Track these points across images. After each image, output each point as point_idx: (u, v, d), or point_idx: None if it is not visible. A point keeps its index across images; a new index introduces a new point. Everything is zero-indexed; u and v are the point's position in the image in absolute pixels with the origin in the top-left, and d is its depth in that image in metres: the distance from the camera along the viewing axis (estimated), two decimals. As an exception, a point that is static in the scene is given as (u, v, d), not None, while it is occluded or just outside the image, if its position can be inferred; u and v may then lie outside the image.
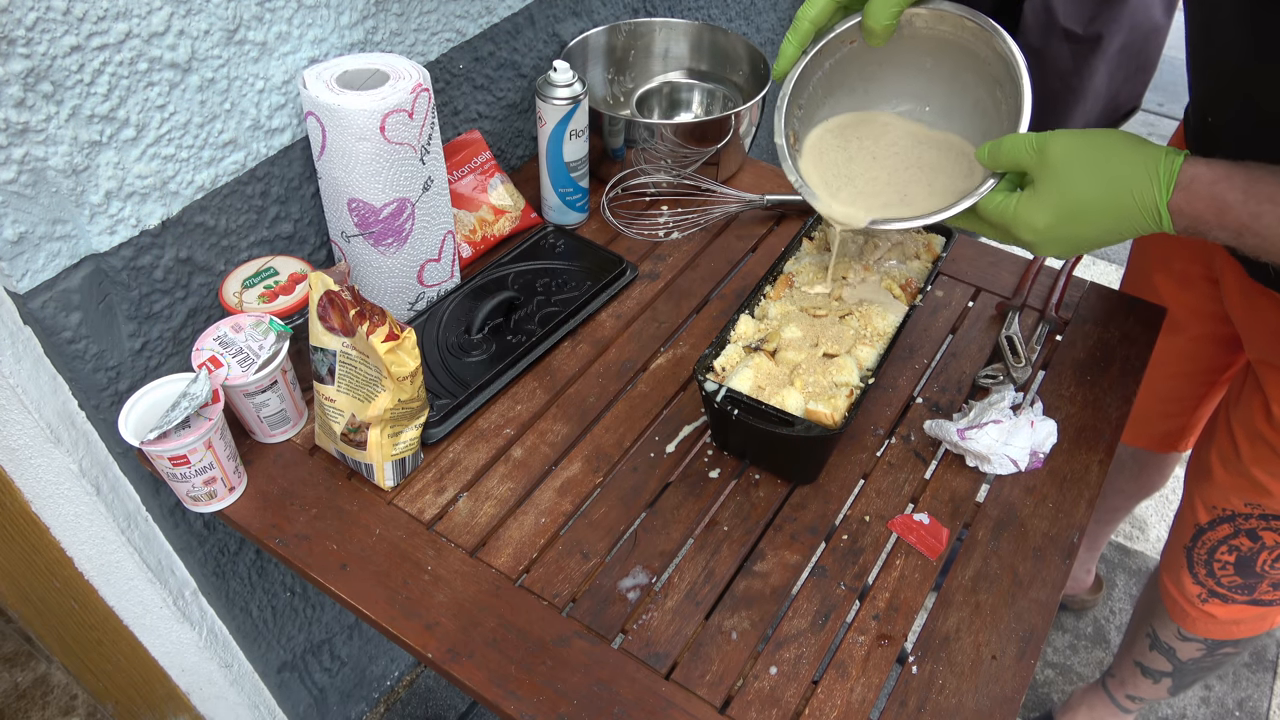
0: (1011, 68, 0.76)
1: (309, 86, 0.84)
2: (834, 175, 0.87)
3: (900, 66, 0.86)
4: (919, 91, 0.88)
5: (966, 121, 0.86)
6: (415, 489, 0.86)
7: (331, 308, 0.76)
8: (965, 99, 0.85)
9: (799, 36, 0.79)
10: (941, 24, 0.80)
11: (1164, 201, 0.66)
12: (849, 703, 0.72)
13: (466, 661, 0.73)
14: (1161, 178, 0.66)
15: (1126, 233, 0.69)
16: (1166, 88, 3.27)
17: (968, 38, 0.80)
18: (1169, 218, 0.67)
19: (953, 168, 0.84)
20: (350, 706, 1.52)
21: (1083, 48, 1.40)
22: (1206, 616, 1.14)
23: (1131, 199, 0.67)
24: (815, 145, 0.89)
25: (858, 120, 0.90)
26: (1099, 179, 0.68)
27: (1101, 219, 0.69)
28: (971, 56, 0.81)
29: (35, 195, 0.71)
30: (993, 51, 0.78)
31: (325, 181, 0.90)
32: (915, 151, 0.87)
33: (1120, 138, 0.69)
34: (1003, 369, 0.97)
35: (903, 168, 0.86)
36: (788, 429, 0.79)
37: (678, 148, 1.15)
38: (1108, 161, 0.68)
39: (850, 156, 0.88)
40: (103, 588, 0.99)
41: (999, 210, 0.73)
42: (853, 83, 0.88)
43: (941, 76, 0.85)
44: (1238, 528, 1.04)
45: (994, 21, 0.77)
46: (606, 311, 1.05)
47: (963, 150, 0.85)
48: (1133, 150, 0.68)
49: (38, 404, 0.79)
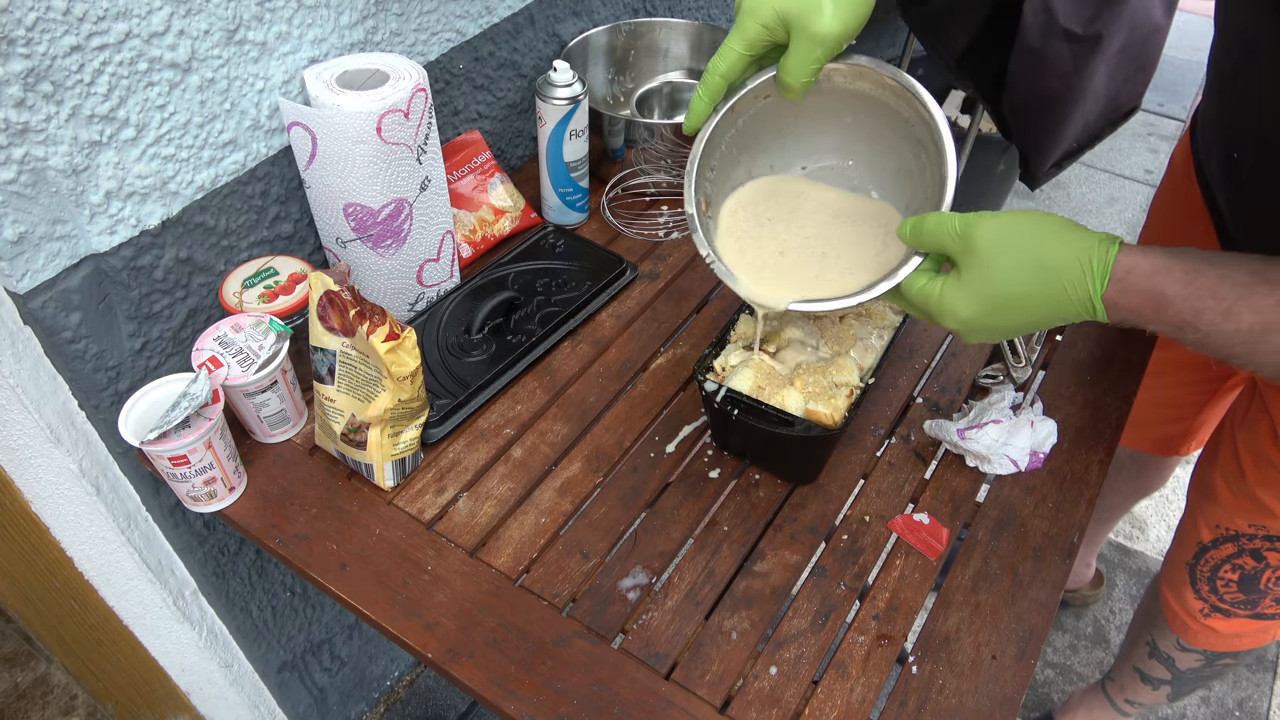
0: (934, 132, 0.71)
1: (308, 87, 0.84)
2: (751, 252, 0.82)
3: (818, 122, 0.81)
4: (839, 146, 0.82)
5: (890, 182, 0.81)
6: (415, 489, 0.86)
7: (331, 308, 0.76)
8: (889, 159, 0.80)
9: (710, 91, 0.74)
10: (860, 80, 0.75)
11: (1098, 294, 0.62)
12: (849, 703, 0.72)
13: (466, 661, 0.73)
14: (1095, 269, 0.62)
15: (1058, 322, 0.65)
16: (1166, 88, 3.28)
17: (888, 96, 0.75)
18: (1104, 310, 0.63)
19: (875, 237, 0.80)
20: (350, 706, 1.52)
21: (1083, 48, 1.39)
22: (1208, 630, 1.13)
23: (1063, 291, 0.63)
24: (730, 217, 0.83)
25: (773, 188, 0.84)
26: (1028, 270, 0.63)
27: (1031, 311, 0.65)
28: (893, 115, 0.76)
29: (35, 195, 0.71)
30: (915, 113, 0.73)
31: (316, 190, 0.89)
32: (834, 222, 0.82)
33: (1051, 223, 0.65)
34: (1003, 369, 0.97)
35: (822, 240, 0.81)
36: (788, 429, 0.79)
37: (678, 148, 1.15)
38: (1037, 250, 0.63)
39: (767, 231, 0.82)
40: (103, 588, 0.99)
41: (922, 295, 0.69)
42: (767, 140, 0.83)
43: (862, 134, 0.80)
44: (1242, 547, 1.03)
45: (915, 80, 0.72)
46: (606, 311, 1.05)
47: (883, 216, 0.81)
48: (1064, 238, 0.63)
49: (38, 404, 0.79)
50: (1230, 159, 0.84)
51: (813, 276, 0.79)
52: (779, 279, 0.79)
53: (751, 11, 0.70)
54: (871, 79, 0.74)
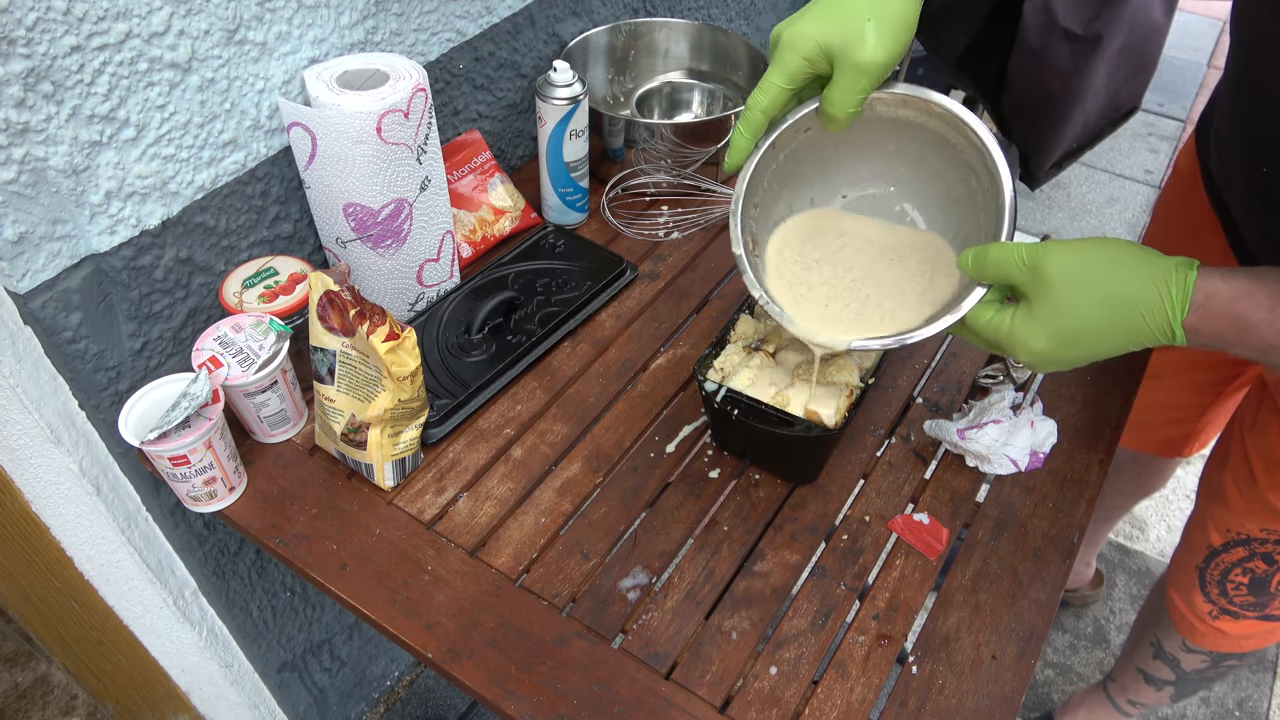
0: (987, 159, 0.70)
1: (309, 87, 0.84)
2: (801, 292, 0.80)
3: (859, 150, 0.80)
4: (882, 174, 0.81)
5: (936, 208, 0.80)
6: (415, 489, 0.86)
7: (331, 308, 0.76)
8: (934, 185, 0.78)
9: (751, 128, 0.72)
10: (904, 107, 0.74)
11: (1179, 322, 0.60)
12: (849, 703, 0.72)
13: (466, 661, 0.73)
14: (1175, 296, 0.60)
15: (1133, 349, 0.64)
16: (1166, 88, 3.28)
17: (935, 123, 0.74)
18: (1184, 336, 0.61)
19: (921, 274, 0.79)
20: (350, 706, 1.52)
21: (1083, 48, 1.39)
22: (1216, 632, 1.13)
23: (1142, 321, 0.61)
24: (777, 257, 0.82)
25: (816, 224, 0.83)
26: (1103, 302, 0.62)
27: (1108, 341, 0.63)
28: (939, 140, 0.75)
29: (35, 195, 0.71)
30: (964, 139, 0.72)
31: (315, 190, 0.89)
32: (880, 260, 0.80)
33: (1124, 251, 0.63)
34: (1003, 369, 0.97)
35: (868, 282, 0.80)
36: (788, 429, 0.79)
37: (678, 148, 1.15)
38: (1113, 282, 0.62)
39: (814, 274, 0.81)
40: (103, 588, 0.99)
41: (991, 328, 0.67)
42: (809, 173, 0.82)
43: (906, 159, 0.79)
44: (1253, 551, 1.02)
45: (964, 107, 0.71)
46: (606, 311, 1.05)
47: (929, 249, 0.79)
48: (1139, 267, 0.61)
49: (38, 404, 0.79)
50: (1259, 172, 0.83)
51: (852, 318, 0.78)
52: (831, 320, 0.78)
53: (791, 45, 0.69)
54: (916, 105, 0.73)
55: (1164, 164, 2.95)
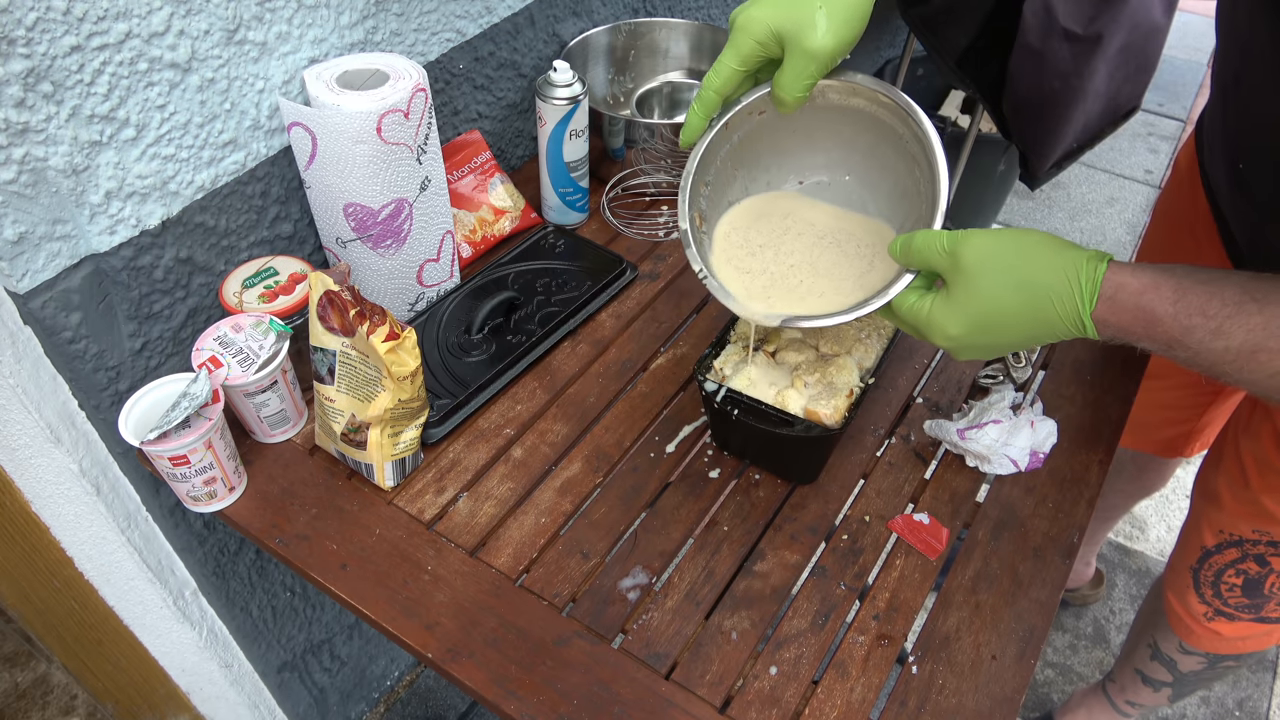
0: (927, 150, 0.71)
1: (309, 87, 0.84)
2: (744, 268, 0.82)
3: (815, 138, 0.81)
4: (837, 162, 0.82)
5: (886, 199, 0.80)
6: (415, 489, 0.86)
7: (331, 308, 0.76)
8: (885, 175, 0.79)
9: (705, 107, 0.74)
10: (855, 97, 0.75)
11: (1087, 312, 0.62)
12: (849, 703, 0.72)
13: (466, 661, 0.73)
14: (1084, 286, 0.61)
15: (1048, 340, 0.65)
16: (1166, 88, 3.28)
17: (883, 113, 0.74)
18: (1093, 327, 0.62)
19: (860, 258, 0.80)
20: (350, 706, 1.52)
21: (1083, 48, 1.39)
22: (1211, 634, 1.13)
23: (1052, 309, 0.63)
24: (724, 240, 0.83)
25: (765, 207, 0.84)
26: (1016, 287, 0.63)
27: (1020, 328, 0.64)
28: (889, 131, 0.75)
29: (35, 195, 0.71)
30: (909, 130, 0.73)
31: (316, 190, 0.89)
32: (819, 244, 0.82)
33: (1040, 240, 0.64)
34: (1003, 369, 0.97)
35: (814, 258, 0.81)
36: (788, 429, 0.79)
37: (677, 148, 1.15)
38: (1025, 269, 0.63)
39: (760, 246, 0.83)
40: (103, 588, 0.99)
41: (911, 312, 0.69)
42: (765, 157, 0.83)
43: (859, 149, 0.80)
44: (1246, 553, 1.03)
45: (908, 97, 0.72)
46: (606, 311, 1.05)
47: (873, 235, 0.80)
48: (1053, 256, 0.63)
49: (38, 404, 0.79)
50: (1235, 169, 0.84)
51: (808, 294, 0.79)
52: (770, 295, 0.79)
53: (745, 28, 0.70)
54: (865, 95, 0.74)
55: (1164, 164, 2.94)
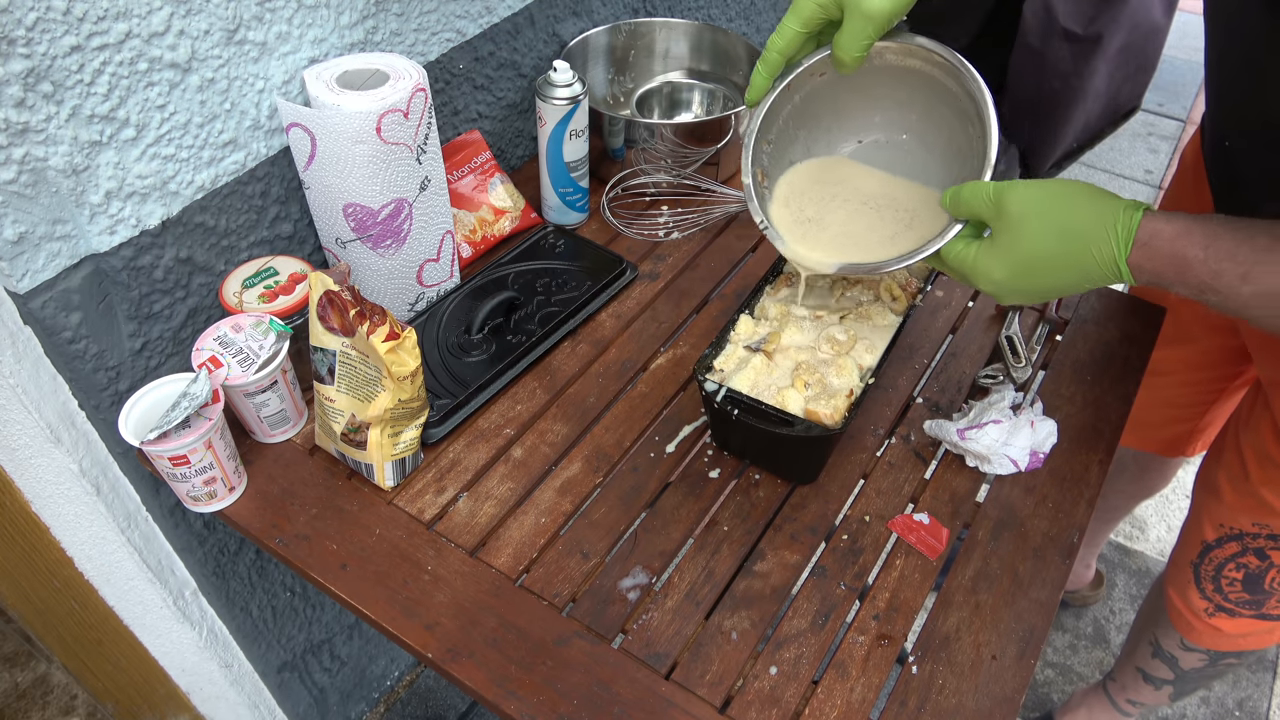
0: (980, 106, 0.75)
1: (308, 87, 0.84)
2: (803, 220, 0.86)
3: (874, 98, 0.84)
4: (894, 121, 0.86)
5: (940, 157, 0.84)
6: (415, 489, 0.86)
7: (331, 308, 0.76)
8: (940, 134, 0.83)
9: (769, 67, 0.78)
10: (911, 58, 0.78)
11: (1123, 257, 0.65)
12: (849, 703, 0.72)
13: (466, 661, 0.73)
14: (1119, 233, 0.65)
15: (1087, 285, 0.68)
16: (1166, 88, 3.27)
17: (938, 72, 0.78)
18: (1129, 272, 0.66)
19: (905, 219, 0.84)
20: (350, 706, 1.52)
21: (1083, 48, 1.40)
22: (1212, 630, 1.13)
23: (1089, 254, 0.66)
24: (785, 190, 0.88)
25: (828, 166, 0.89)
26: (1056, 234, 0.67)
27: (1060, 273, 0.68)
28: (943, 89, 0.79)
29: (35, 195, 0.71)
30: (962, 88, 0.77)
31: (315, 190, 0.89)
32: (882, 200, 0.86)
33: (1080, 190, 0.68)
34: (1003, 369, 0.97)
35: (871, 214, 0.86)
36: (788, 429, 0.79)
37: (678, 148, 1.15)
38: (1065, 216, 0.67)
39: (820, 202, 0.87)
40: (103, 588, 0.99)
41: (958, 259, 0.73)
42: (825, 119, 0.87)
43: (916, 109, 0.84)
44: (1246, 546, 1.03)
45: (961, 56, 0.76)
46: (606, 311, 1.05)
47: (921, 199, 0.84)
48: (1091, 204, 0.66)
49: (38, 404, 0.79)
50: (1222, 146, 0.85)
51: (865, 246, 0.84)
52: (826, 246, 0.85)
53: None
54: (921, 55, 0.78)
55: (1164, 164, 2.94)
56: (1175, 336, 1.14)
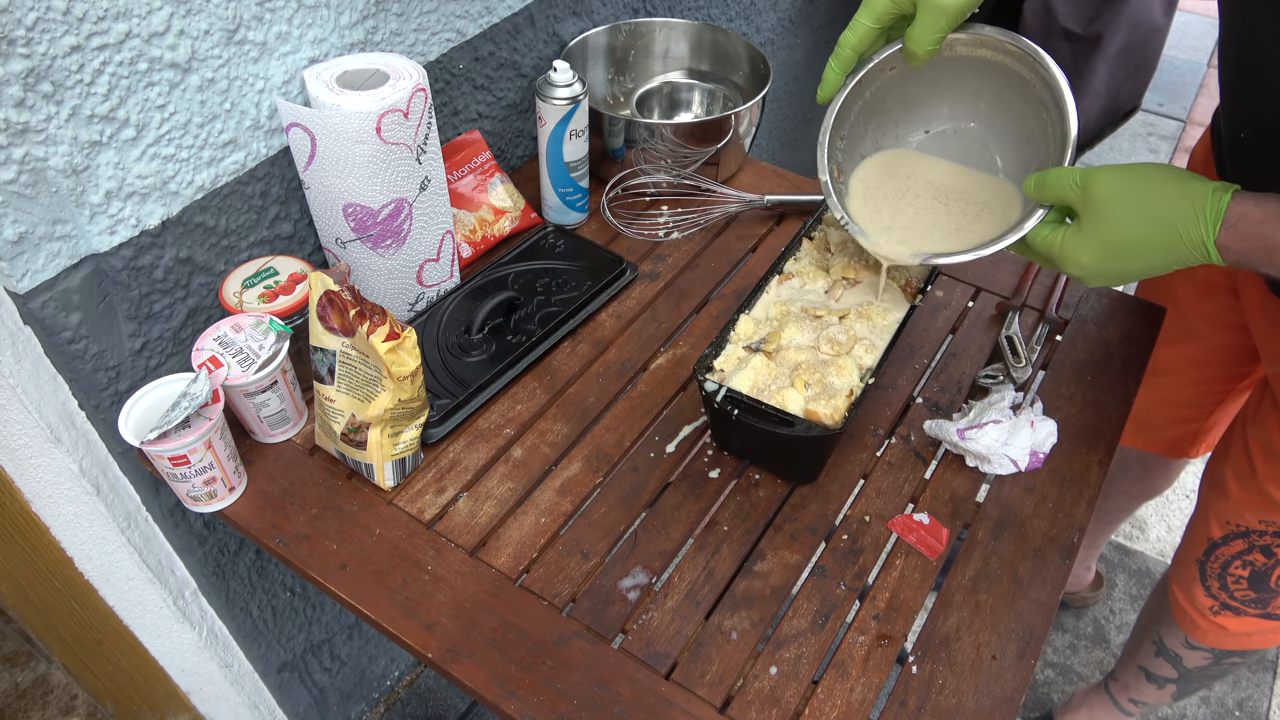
0: (1056, 93, 0.76)
1: (308, 87, 0.84)
2: (880, 212, 0.88)
3: (942, 88, 0.87)
4: (962, 111, 0.88)
5: (1012, 144, 0.86)
6: (415, 489, 0.86)
7: (331, 308, 0.76)
8: (1010, 120, 0.85)
9: (842, 63, 0.79)
10: (982, 48, 0.80)
11: (1211, 239, 0.66)
12: (849, 703, 0.72)
13: (466, 661, 0.73)
14: (1208, 216, 0.66)
15: (1174, 266, 0.69)
16: (1166, 88, 3.28)
17: (1010, 61, 0.80)
18: (1217, 254, 0.66)
19: (974, 211, 0.86)
20: (350, 706, 1.52)
21: (1083, 48, 1.40)
22: (1217, 628, 1.13)
23: (1178, 237, 0.67)
24: (861, 184, 0.90)
25: (897, 159, 0.91)
26: (1144, 218, 0.68)
27: (1148, 256, 0.69)
28: (1015, 79, 0.81)
29: (35, 195, 0.71)
30: (1036, 76, 0.78)
31: (315, 191, 0.89)
32: (952, 192, 0.88)
33: (1166, 173, 0.69)
34: (1003, 369, 0.97)
35: (946, 204, 0.87)
36: (788, 429, 0.79)
37: (678, 148, 1.15)
38: (1153, 200, 0.68)
39: (896, 194, 0.89)
40: (103, 588, 0.99)
41: (1046, 244, 0.74)
42: (894, 112, 0.89)
43: (985, 97, 0.85)
44: (1252, 544, 1.03)
45: (1035, 45, 0.77)
46: (606, 311, 1.05)
47: (992, 190, 0.86)
48: (1179, 187, 0.67)
49: (38, 404, 0.79)
50: (1238, 139, 0.86)
51: (942, 235, 0.86)
52: (906, 236, 0.86)
53: None
54: (993, 45, 0.79)
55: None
56: (1181, 334, 1.14)
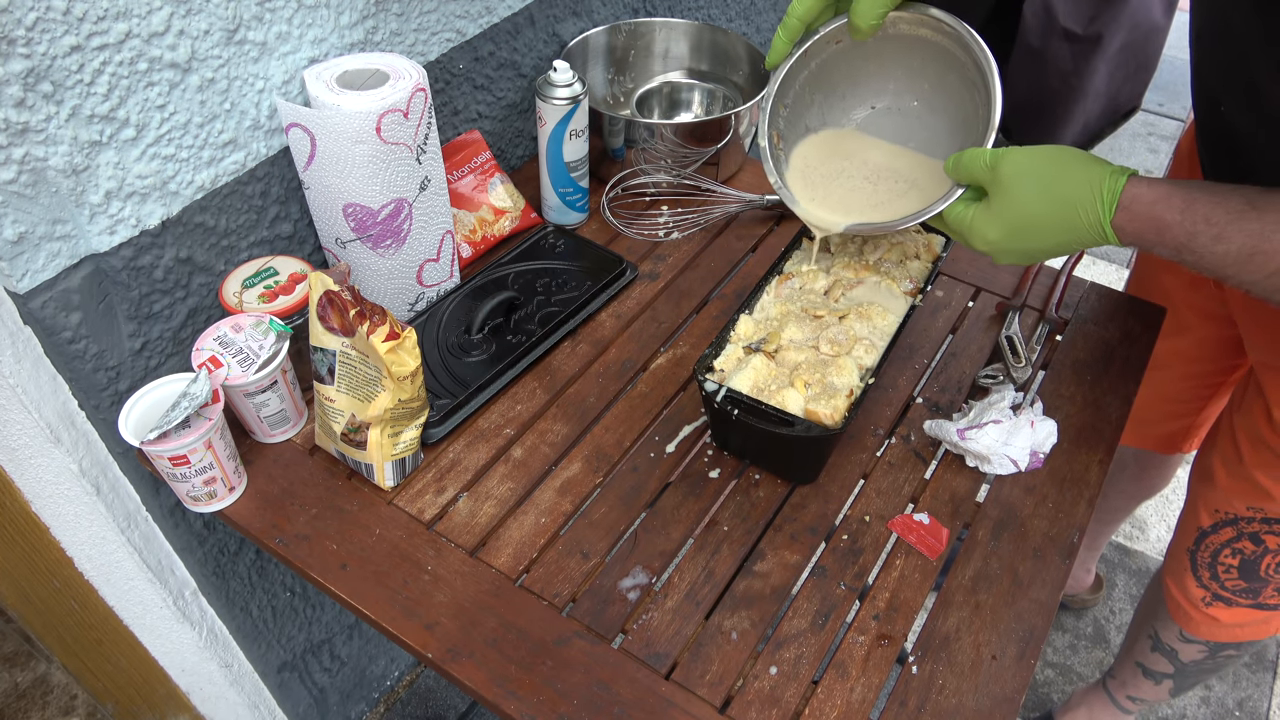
0: (985, 75, 0.77)
1: (308, 87, 0.84)
2: (816, 184, 0.90)
3: (888, 66, 0.88)
4: (906, 89, 0.89)
5: (949, 125, 0.87)
6: (415, 489, 0.86)
7: (331, 308, 0.76)
8: (950, 101, 0.86)
9: (789, 32, 0.81)
10: (923, 27, 0.81)
11: (1107, 220, 0.69)
12: (849, 703, 0.72)
13: (466, 661, 0.73)
14: (1105, 197, 0.69)
15: (1077, 246, 0.72)
16: (1166, 88, 3.27)
17: (947, 42, 0.81)
18: (1114, 234, 0.70)
19: (927, 181, 0.88)
20: (350, 706, 1.52)
21: (1083, 48, 1.39)
22: (1210, 620, 1.14)
23: (1078, 216, 0.70)
24: (801, 159, 0.92)
25: (842, 139, 0.92)
26: (1047, 198, 0.71)
27: (1050, 234, 0.72)
28: (953, 59, 0.82)
29: (35, 195, 0.71)
30: (969, 57, 0.79)
31: (315, 191, 0.89)
32: (885, 172, 0.90)
33: (1071, 156, 0.71)
34: (1003, 369, 0.97)
35: (881, 180, 0.90)
36: (788, 429, 0.79)
37: (678, 148, 1.15)
38: (1056, 180, 0.71)
39: (832, 174, 0.91)
40: (103, 588, 0.99)
41: (957, 220, 0.78)
42: (841, 85, 0.90)
43: (928, 77, 0.87)
44: (1240, 531, 1.04)
45: (969, 27, 0.78)
46: (606, 311, 1.05)
47: (923, 169, 0.88)
48: (1081, 169, 0.70)
49: (38, 404, 0.79)
50: (1217, 112, 0.90)
51: (873, 207, 0.89)
52: (836, 207, 0.89)
53: None
54: (931, 25, 0.80)
55: (1164, 164, 2.94)
56: (1171, 328, 1.14)
